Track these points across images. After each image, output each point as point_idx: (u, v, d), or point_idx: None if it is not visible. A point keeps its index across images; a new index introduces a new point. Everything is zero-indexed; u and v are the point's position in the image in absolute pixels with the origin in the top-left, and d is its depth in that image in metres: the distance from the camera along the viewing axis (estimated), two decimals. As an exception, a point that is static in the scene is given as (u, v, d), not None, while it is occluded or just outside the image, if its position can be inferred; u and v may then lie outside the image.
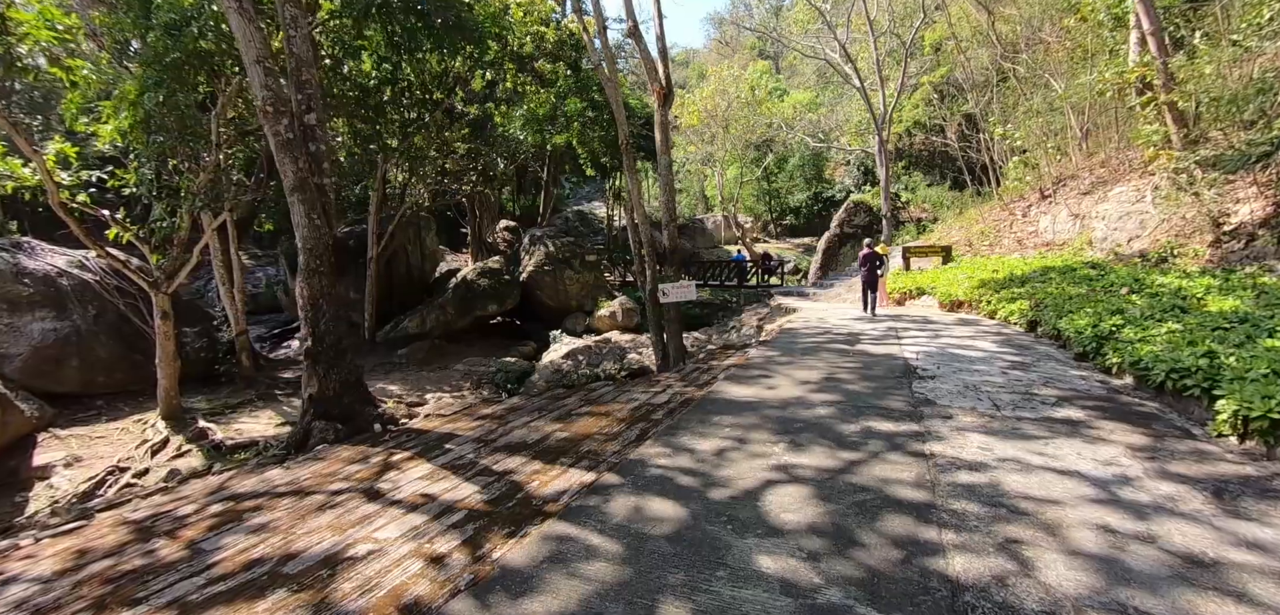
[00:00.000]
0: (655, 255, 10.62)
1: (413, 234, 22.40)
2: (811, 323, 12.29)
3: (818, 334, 10.62)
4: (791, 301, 19.44)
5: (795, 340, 9.99)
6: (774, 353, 8.83)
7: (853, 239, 28.19)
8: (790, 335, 10.62)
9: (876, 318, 12.61)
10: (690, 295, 9.69)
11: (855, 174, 41.00)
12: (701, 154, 41.71)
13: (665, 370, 10.71)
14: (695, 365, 9.38)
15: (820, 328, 11.40)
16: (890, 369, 7.38)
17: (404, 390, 16.58)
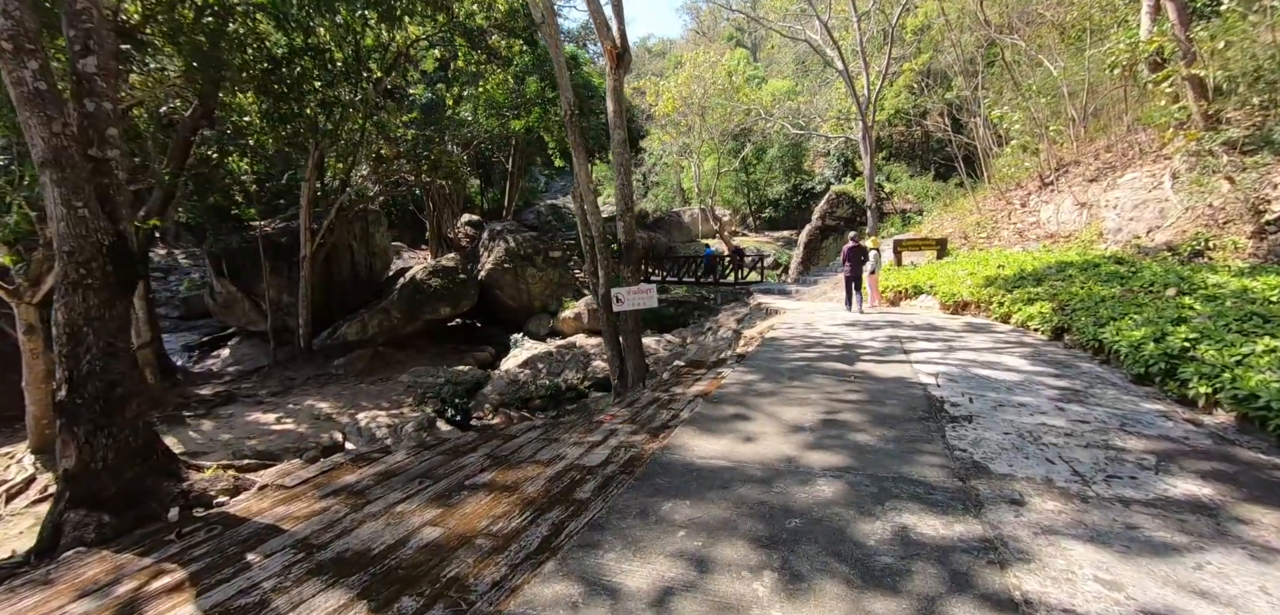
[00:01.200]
0: (608, 252, 8.65)
1: (359, 229, 20.14)
2: (797, 329, 10.43)
3: (806, 345, 8.75)
4: (773, 301, 17.61)
5: (780, 355, 8.10)
6: (754, 375, 6.93)
7: (835, 232, 26.48)
8: (774, 347, 8.73)
9: (871, 323, 10.80)
10: (650, 302, 7.77)
11: (835, 165, 39.46)
12: (678, 145, 39.83)
13: (622, 390, 8.77)
14: (656, 389, 7.44)
15: (808, 336, 9.55)
16: (908, 402, 5.51)
17: (335, 407, 14.43)
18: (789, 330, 10.34)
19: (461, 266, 20.27)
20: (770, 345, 8.89)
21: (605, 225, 8.70)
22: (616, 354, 8.76)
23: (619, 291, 7.78)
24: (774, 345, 8.88)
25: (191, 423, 13.39)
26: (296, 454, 12.13)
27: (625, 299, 7.77)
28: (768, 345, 8.91)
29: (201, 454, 11.95)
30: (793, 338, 9.48)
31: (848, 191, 27.95)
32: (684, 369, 8.17)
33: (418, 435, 13.02)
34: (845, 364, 7.33)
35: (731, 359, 8.39)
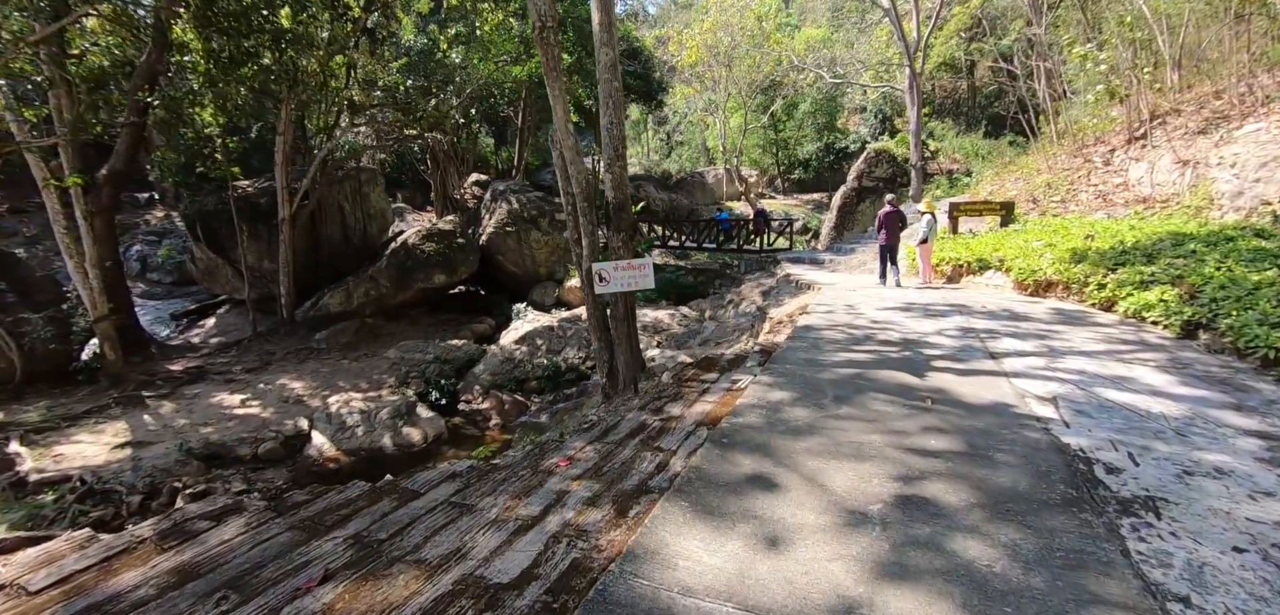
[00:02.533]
0: (592, 212, 6.62)
1: (351, 189, 18.41)
2: (837, 312, 8.32)
3: (852, 339, 6.67)
4: (804, 271, 15.40)
5: (818, 354, 6.06)
6: (783, 391, 4.92)
7: (873, 194, 23.87)
8: (808, 340, 6.68)
9: (931, 306, 8.62)
10: (643, 283, 5.77)
11: (872, 122, 36.42)
12: (702, 101, 37.14)
13: (611, 392, 6.85)
14: (650, 400, 5.49)
15: (853, 324, 7.45)
16: (1031, 459, 3.46)
17: (308, 388, 12.87)
18: (826, 313, 8.23)
19: (460, 230, 18.43)
20: (804, 337, 6.82)
21: (594, 181, 6.66)
22: (604, 346, 6.83)
23: (602, 267, 5.80)
24: (809, 337, 6.82)
25: (151, 404, 11.98)
26: (253, 445, 10.64)
27: (610, 277, 5.79)
28: (800, 336, 6.85)
29: (147, 443, 10.54)
30: (833, 326, 7.39)
31: (888, 149, 25.19)
32: (690, 370, 6.18)
33: (392, 422, 11.40)
34: (911, 374, 5.25)
35: (753, 355, 6.37)
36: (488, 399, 12.73)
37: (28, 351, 12.10)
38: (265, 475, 9.92)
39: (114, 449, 10.11)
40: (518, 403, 12.67)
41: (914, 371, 5.32)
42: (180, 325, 17.62)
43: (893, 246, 11.19)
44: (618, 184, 6.34)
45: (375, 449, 10.78)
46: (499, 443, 11.27)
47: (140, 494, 8.71)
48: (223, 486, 9.37)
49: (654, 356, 11.64)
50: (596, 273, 5.90)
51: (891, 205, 11.43)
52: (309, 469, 10.26)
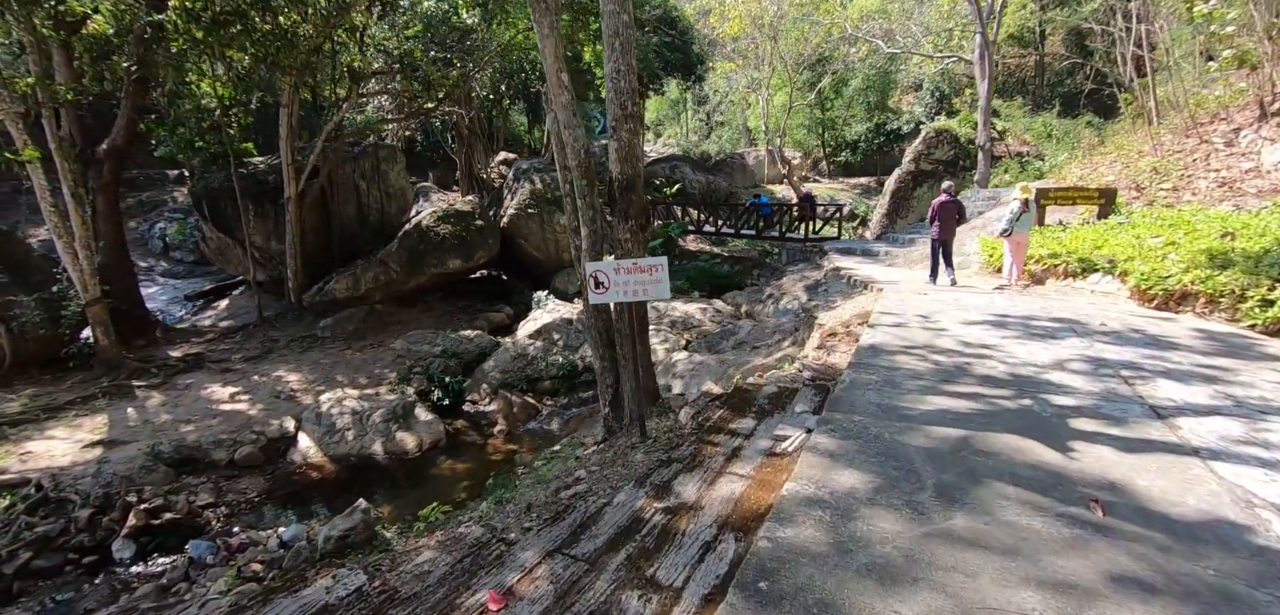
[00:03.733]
0: (594, 192, 4.99)
1: (368, 166, 17.25)
2: (910, 324, 6.52)
3: (941, 373, 4.90)
4: (855, 264, 13.45)
5: (897, 398, 4.33)
6: (854, 472, 3.25)
7: (931, 178, 21.45)
8: (878, 371, 4.94)
9: (1031, 319, 6.72)
10: (655, 293, 4.13)
11: (928, 101, 33.55)
12: (745, 79, 34.83)
13: (615, 426, 5.28)
14: (661, 454, 3.90)
15: (936, 345, 5.66)
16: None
17: (304, 382, 11.76)
18: (896, 326, 6.43)
19: (480, 211, 17.10)
20: (871, 362, 5.09)
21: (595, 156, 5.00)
22: (608, 367, 5.26)
23: (599, 269, 4.20)
24: (878, 363, 5.07)
25: (140, 394, 11.05)
26: (230, 448, 9.53)
27: (610, 283, 4.20)
28: (866, 361, 5.11)
29: (120, 443, 9.57)
30: (908, 346, 5.61)
31: (949, 129, 22.61)
32: (716, 410, 4.53)
33: (385, 425, 10.13)
34: (1045, 442, 3.49)
35: (803, 388, 4.69)
36: (495, 400, 11.37)
37: (17, 336, 11.33)
38: (239, 484, 8.79)
39: (85, 448, 9.15)
40: (528, 406, 11.27)
41: (1048, 438, 3.56)
42: (194, 307, 16.88)
43: (947, 241, 9.58)
44: (626, 154, 4.70)
45: (364, 456, 9.55)
46: (501, 454, 9.92)
47: (92, 508, 7.66)
48: (186, 500, 8.29)
49: (676, 363, 10.01)
50: (591, 276, 4.30)
51: (948, 194, 9.76)
52: (290, 477, 9.10)
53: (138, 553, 7.28)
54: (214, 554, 6.76)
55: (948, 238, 9.58)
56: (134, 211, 21.72)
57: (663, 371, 10.25)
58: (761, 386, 4.90)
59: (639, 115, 4.71)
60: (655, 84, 28.89)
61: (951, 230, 9.60)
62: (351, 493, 8.82)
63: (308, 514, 8.12)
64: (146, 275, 18.72)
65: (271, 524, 7.82)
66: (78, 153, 13.05)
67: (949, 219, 9.54)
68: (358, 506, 7.38)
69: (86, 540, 7.36)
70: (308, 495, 8.69)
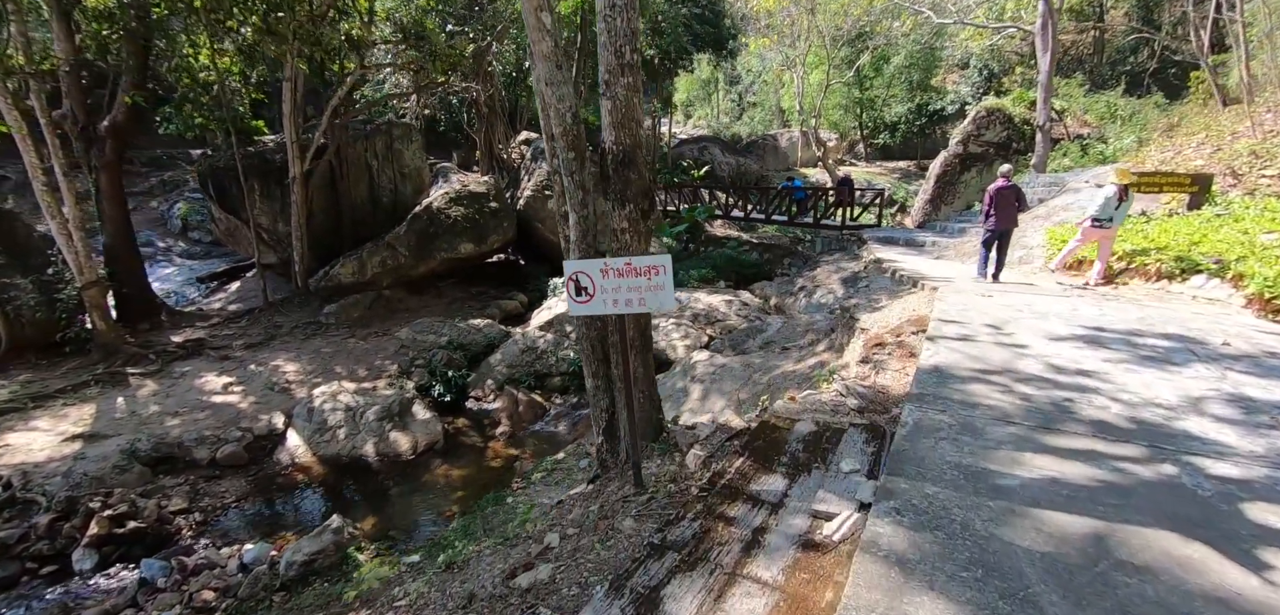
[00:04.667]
0: (584, 168, 3.88)
1: (381, 145, 16.44)
2: (978, 336, 5.28)
3: (1035, 413, 3.71)
4: (898, 256, 12.09)
5: (982, 456, 3.16)
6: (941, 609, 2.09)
7: (981, 162, 19.68)
8: (950, 408, 3.76)
9: (1135, 335, 5.42)
10: (655, 300, 3.06)
11: (975, 79, 31.33)
12: (779, 57, 33.06)
13: (610, 462, 4.24)
14: (654, 535, 2.84)
15: (1018, 369, 4.45)
16: None
17: (301, 373, 11.04)
18: (962, 341, 5.20)
19: (495, 193, 16.17)
20: (937, 396, 3.91)
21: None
22: (602, 388, 4.19)
23: (582, 269, 3.13)
24: (947, 396, 3.90)
25: (134, 382, 10.49)
26: (213, 446, 8.82)
27: (596, 289, 3.13)
28: (931, 392, 3.94)
29: (102, 437, 8.97)
30: (983, 371, 4.40)
31: (1002, 108, 20.71)
32: (734, 458, 3.43)
33: (379, 424, 9.30)
34: (1222, 549, 2.31)
35: (850, 441, 3.56)
36: (500, 397, 10.46)
37: (14, 320, 10.86)
38: (218, 486, 8.07)
39: (65, 441, 8.55)
40: (535, 404, 10.34)
41: (1221, 538, 2.37)
42: (207, 289, 16.43)
43: (1005, 232, 8.33)
44: (623, 117, 3.57)
45: (355, 457, 8.74)
46: (501, 459, 9.00)
47: (54, 513, 7.02)
48: (157, 505, 7.60)
49: (696, 364, 8.87)
50: (570, 278, 3.25)
51: (1005, 178, 8.49)
52: (273, 479, 8.35)
53: (99, 563, 6.58)
54: (166, 575, 6.00)
55: (1007, 229, 8.34)
56: (156, 191, 21.50)
57: (680, 373, 9.17)
58: (794, 421, 3.77)
59: (638, 66, 3.57)
60: (684, 61, 27.48)
61: (1012, 219, 8.37)
62: (336, 499, 8.07)
63: (281, 526, 7.32)
64: (164, 256, 18.40)
65: (242, 536, 7.05)
66: (80, 130, 12.56)
67: (1007, 207, 8.28)
68: (329, 526, 6.53)
69: (46, 548, 6.70)
70: (289, 501, 7.92)
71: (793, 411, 4.29)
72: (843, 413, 4.13)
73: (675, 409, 8.16)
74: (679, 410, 8.08)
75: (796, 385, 6.75)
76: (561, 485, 7.29)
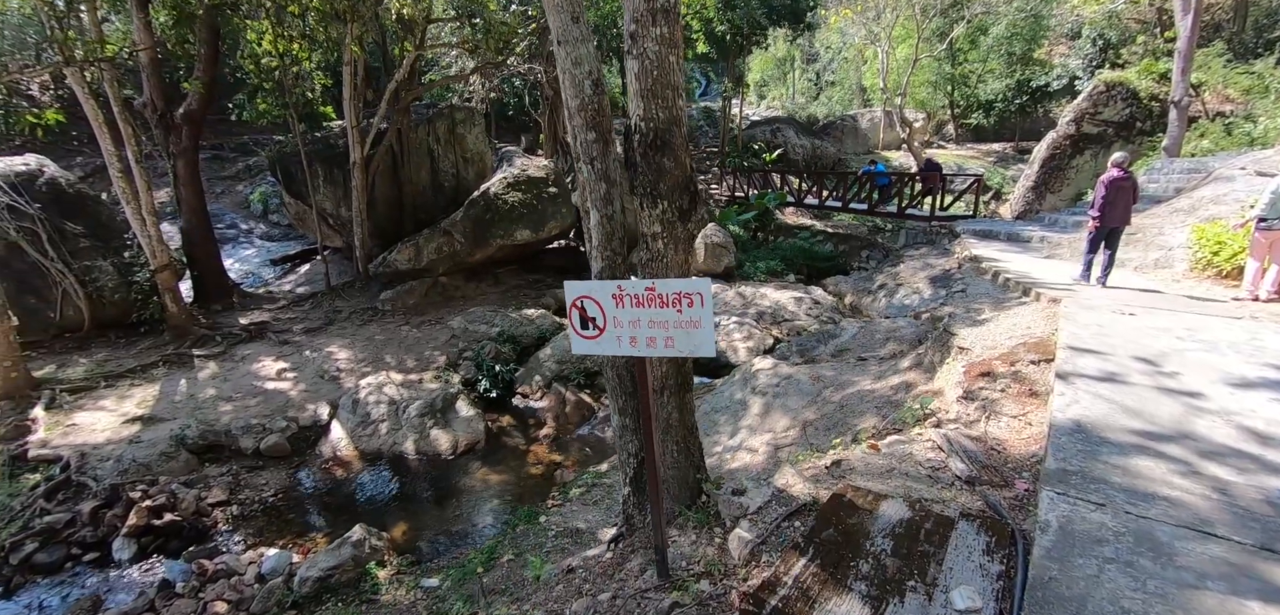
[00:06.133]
0: (609, 153, 3.02)
1: (444, 130, 16.21)
2: (1128, 377, 4.01)
3: (1240, 511, 2.53)
4: (1000, 254, 10.45)
5: (1180, 604, 2.07)
6: None
7: (1097, 145, 17.18)
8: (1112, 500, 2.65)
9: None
10: (689, 345, 2.17)
11: (1087, 51, 27.75)
12: (861, 32, 30.65)
13: (636, 521, 3.37)
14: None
15: (1200, 435, 3.20)
16: None
17: (352, 361, 10.85)
18: (1106, 382, 3.93)
19: (554, 177, 15.59)
20: (1087, 477, 2.77)
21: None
22: (629, 429, 3.32)
23: (588, 292, 2.30)
24: (1106, 485, 2.76)
25: (198, 364, 10.66)
26: (258, 435, 8.70)
27: (607, 322, 2.29)
28: (1078, 474, 2.81)
29: (159, 420, 9.06)
30: (1149, 439, 3.19)
31: (1124, 82, 17.97)
32: (799, 562, 2.49)
33: (420, 420, 8.88)
34: None
35: (961, 548, 2.52)
36: (547, 395, 9.85)
37: (96, 299, 11.32)
38: (259, 478, 7.88)
39: (126, 423, 8.66)
40: (582, 405, 9.65)
41: None
42: (281, 271, 16.89)
43: (1116, 230, 7.49)
44: (655, 86, 2.64)
45: (395, 454, 8.36)
46: (542, 466, 8.37)
47: (97, 500, 7.02)
48: (196, 497, 7.48)
49: (757, 374, 7.79)
50: (574, 304, 2.40)
51: (1119, 169, 7.48)
52: (314, 472, 8.12)
53: (137, 554, 6.45)
54: (186, 579, 5.73)
55: (1119, 226, 7.46)
56: (242, 175, 22.51)
57: (740, 382, 8.17)
58: (878, 500, 2.75)
59: (676, 11, 2.63)
60: (758, 37, 25.86)
61: (1126, 216, 7.49)
62: (370, 500, 7.72)
63: (311, 527, 7.00)
64: (246, 237, 19.16)
65: (273, 535, 6.78)
66: (158, 117, 12.96)
67: (1123, 201, 7.39)
68: (349, 538, 6.08)
69: (89, 535, 6.66)
70: (324, 498, 7.62)
71: (875, 469, 3.27)
72: (944, 481, 3.07)
73: (732, 425, 7.20)
74: (736, 426, 7.11)
75: (877, 412, 5.62)
76: (598, 507, 6.54)
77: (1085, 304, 5.91)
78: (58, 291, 11.03)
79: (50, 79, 19.67)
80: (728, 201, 21.20)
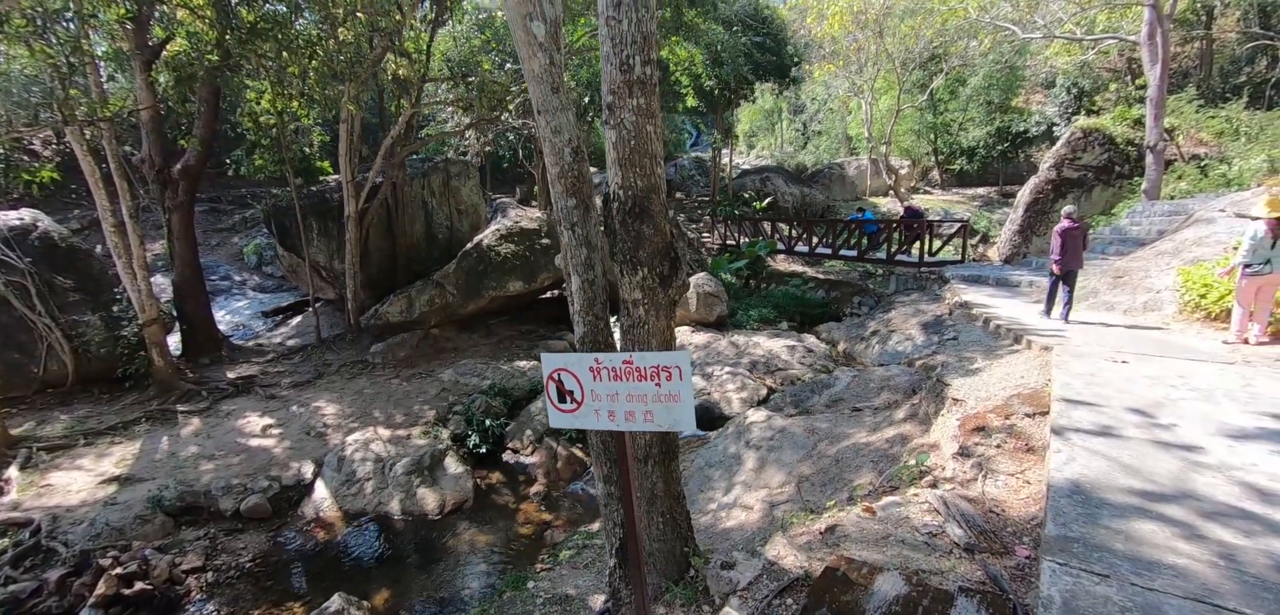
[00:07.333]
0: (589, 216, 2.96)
1: (438, 183, 16.34)
2: (1123, 430, 3.90)
3: (1251, 580, 2.39)
4: (989, 298, 10.44)
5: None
6: None
7: (1077, 188, 17.51)
8: (1117, 571, 2.52)
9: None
10: (668, 420, 2.07)
11: (1062, 98, 28.55)
12: (845, 83, 31.50)
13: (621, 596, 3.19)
14: None
15: (1201, 493, 3.08)
16: None
17: (340, 416, 10.62)
18: (1102, 436, 3.82)
19: (548, 229, 15.63)
20: (1091, 544, 2.64)
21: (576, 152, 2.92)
22: (613, 499, 3.18)
23: (565, 366, 2.21)
24: (1109, 554, 2.62)
25: (182, 420, 10.39)
26: (239, 496, 8.41)
27: (585, 395, 2.19)
28: (1081, 542, 2.68)
29: (137, 480, 8.77)
30: (1150, 500, 3.07)
31: (1101, 128, 18.42)
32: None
33: (407, 478, 8.62)
34: None
35: None
36: (539, 450, 9.61)
37: (82, 353, 11.11)
38: (238, 542, 7.57)
39: (102, 483, 8.35)
40: (574, 460, 9.41)
41: None
42: (272, 323, 16.72)
43: (1072, 272, 8.44)
44: (632, 154, 2.60)
45: (381, 514, 8.08)
46: (532, 526, 8.09)
47: (66, 567, 6.71)
48: (170, 563, 7.17)
49: (751, 427, 7.63)
50: (551, 377, 2.30)
51: (1070, 219, 8.43)
52: (294, 535, 7.80)
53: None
54: (153, 659, 5.43)
55: (1074, 269, 8.41)
56: (238, 228, 22.54)
57: (733, 435, 7.99)
58: (874, 573, 2.60)
59: (653, 84, 2.60)
60: (745, 91, 26.50)
61: (1079, 260, 8.46)
62: (352, 564, 7.40)
63: (289, 595, 6.68)
64: (239, 289, 19.04)
65: (247, 604, 6.46)
66: (157, 173, 13.00)
67: (1075, 248, 8.35)
68: (327, 608, 5.75)
69: (55, 605, 6.32)
70: (304, 563, 7.30)
71: (870, 536, 3.12)
72: (941, 549, 2.92)
73: (726, 481, 7.00)
74: (730, 483, 6.91)
75: (872, 466, 5.47)
76: (589, 570, 6.27)
77: (1077, 352, 5.83)
78: (42, 346, 10.83)
79: (52, 134, 19.84)
80: (719, 250, 21.32)
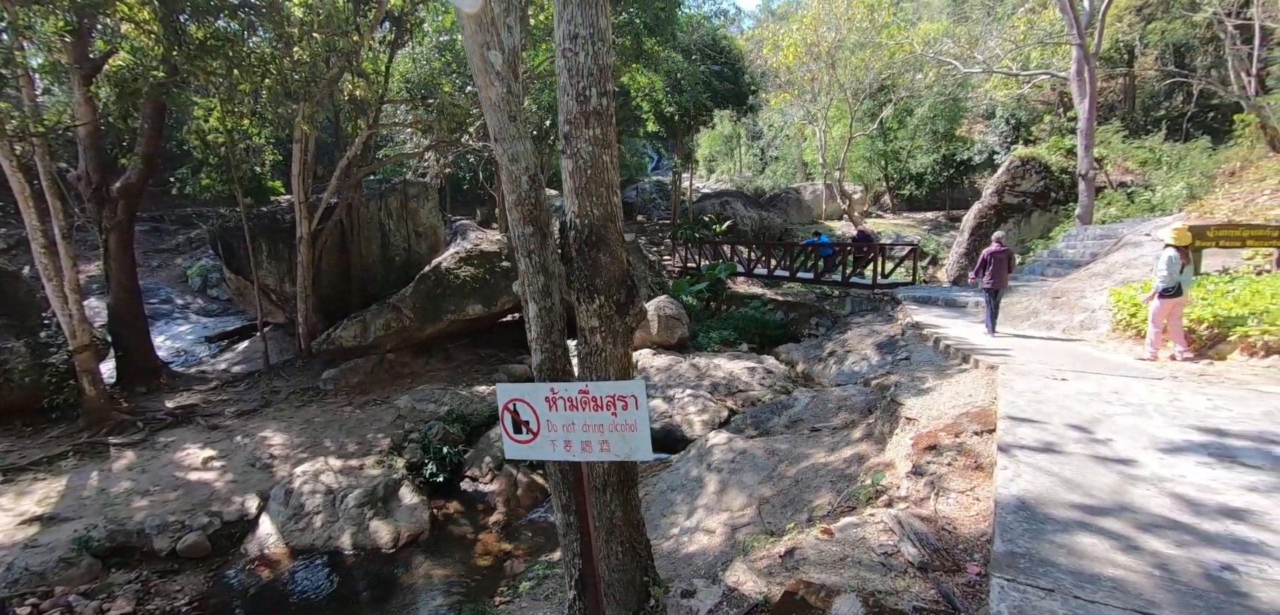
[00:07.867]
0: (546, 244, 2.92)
1: (396, 205, 16.03)
2: (1065, 447, 4.06)
3: (1189, 594, 2.50)
4: (938, 319, 10.82)
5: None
6: None
7: (1017, 213, 18.45)
8: (1062, 588, 2.59)
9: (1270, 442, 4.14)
10: (625, 449, 2.04)
11: (1001, 129, 30.13)
12: (800, 111, 32.53)
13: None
14: None
15: (1138, 506, 3.22)
16: None
17: (288, 446, 10.14)
18: (1046, 453, 3.97)
19: (508, 252, 15.44)
20: (1038, 560, 2.72)
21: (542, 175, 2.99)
22: (576, 526, 3.12)
23: (520, 395, 2.16)
24: (1056, 570, 2.71)
25: (114, 453, 9.71)
26: (175, 535, 7.91)
27: (541, 426, 2.14)
28: (1028, 557, 2.76)
29: (62, 520, 8.14)
30: (1092, 514, 3.19)
31: (1037, 157, 19.53)
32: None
33: (359, 511, 8.28)
34: None
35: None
36: (499, 478, 9.37)
37: (2, 383, 10.32)
38: (173, 585, 7.09)
39: (23, 523, 7.71)
40: (534, 487, 9.21)
41: None
42: (217, 348, 15.93)
43: (997, 290, 9.35)
44: (589, 183, 2.57)
45: (331, 549, 7.70)
46: (491, 556, 7.86)
47: (-24, 620, 6.16)
48: (98, 609, 6.65)
49: (712, 450, 7.65)
50: (506, 407, 2.24)
51: (998, 243, 9.45)
52: (236, 575, 7.35)
53: (19, 686, 5.61)
54: (73, 717, 4.99)
55: (999, 287, 9.29)
56: (183, 248, 21.51)
57: (696, 458, 7.98)
58: (830, 601, 2.61)
59: (609, 114, 2.60)
60: (705, 117, 27.03)
61: (1004, 281, 9.38)
62: (298, 603, 7.02)
63: (229, 644, 6.27)
64: (181, 313, 18.09)
65: (183, 655, 6.03)
66: (94, 192, 12.31)
67: (1001, 270, 9.22)
68: (271, 653, 5.49)
69: (-39, 666, 5.78)
70: (246, 606, 6.88)
71: (829, 558, 3.13)
72: (897, 568, 2.96)
73: (688, 504, 6.96)
74: (692, 506, 6.88)
75: (831, 486, 5.54)
76: (550, 602, 6.11)
77: (1021, 370, 6.08)
78: (-43, 378, 10.02)
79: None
80: (680, 272, 21.48)
